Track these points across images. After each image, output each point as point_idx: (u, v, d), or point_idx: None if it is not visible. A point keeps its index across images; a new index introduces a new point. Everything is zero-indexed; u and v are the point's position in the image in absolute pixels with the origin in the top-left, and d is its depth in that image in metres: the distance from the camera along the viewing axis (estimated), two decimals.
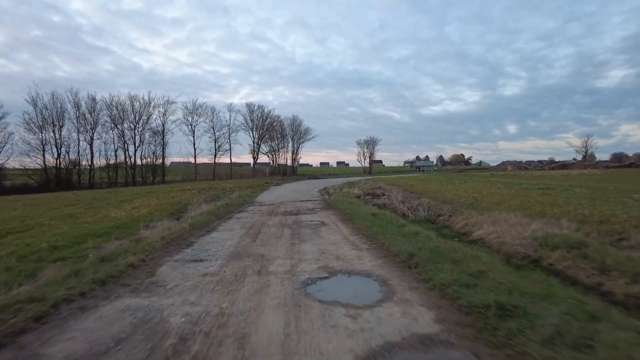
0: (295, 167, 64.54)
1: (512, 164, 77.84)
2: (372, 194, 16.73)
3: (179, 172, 45.92)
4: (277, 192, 21.12)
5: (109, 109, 37.63)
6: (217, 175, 46.44)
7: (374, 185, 20.21)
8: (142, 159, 39.75)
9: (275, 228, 8.43)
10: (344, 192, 18.41)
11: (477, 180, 26.86)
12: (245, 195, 17.68)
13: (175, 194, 19.57)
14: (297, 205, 13.98)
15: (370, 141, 76.08)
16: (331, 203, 13.98)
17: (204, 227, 8.63)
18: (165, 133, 42.52)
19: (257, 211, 12.04)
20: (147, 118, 40.66)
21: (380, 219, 8.66)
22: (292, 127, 62.70)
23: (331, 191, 19.89)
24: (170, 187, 24.93)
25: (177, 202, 14.77)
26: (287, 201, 15.63)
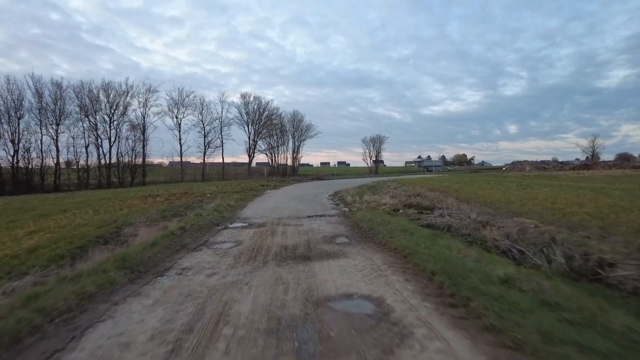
0: (296, 167, 58.98)
1: (530, 164, 72.31)
2: (416, 205, 11.22)
3: (163, 172, 40.47)
4: (274, 200, 15.60)
5: (79, 98, 32.29)
6: (208, 176, 40.98)
7: (409, 190, 14.67)
8: (119, 157, 34.39)
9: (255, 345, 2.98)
10: (369, 201, 12.91)
11: (517, 183, 21.40)
12: (227, 207, 12.17)
13: (131, 202, 14.08)
14: (303, 227, 8.52)
15: (377, 139, 70.65)
16: (360, 224, 8.49)
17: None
18: (146, 127, 37.54)
19: (225, 251, 6.47)
20: (124, 109, 35.41)
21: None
22: (293, 123, 57.22)
23: (348, 199, 14.39)
24: (137, 191, 19.41)
25: (107, 222, 9.29)
26: (287, 217, 10.16)
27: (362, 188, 19.20)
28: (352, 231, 7.89)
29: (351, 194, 16.68)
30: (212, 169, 45.67)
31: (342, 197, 16.35)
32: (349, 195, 15.69)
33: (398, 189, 15.81)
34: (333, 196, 17.45)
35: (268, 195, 18.03)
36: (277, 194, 18.66)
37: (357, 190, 18.03)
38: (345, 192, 17.67)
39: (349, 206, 12.78)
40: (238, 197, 15.96)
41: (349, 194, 16.42)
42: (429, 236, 6.54)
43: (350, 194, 16.44)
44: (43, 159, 30.25)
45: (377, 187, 18.56)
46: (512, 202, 11.60)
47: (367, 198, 13.94)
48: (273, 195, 18.16)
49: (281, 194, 18.63)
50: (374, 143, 70.34)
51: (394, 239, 6.22)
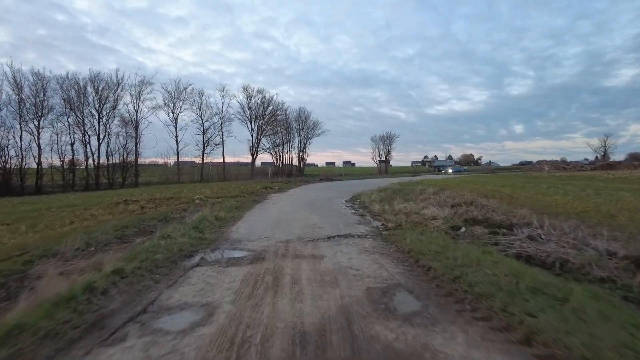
0: (302, 167, 55.61)
1: (549, 164, 68.23)
2: (482, 221, 7.80)
3: (158, 172, 37.28)
4: (278, 208, 12.31)
5: (63, 90, 29.03)
6: (207, 177, 37.77)
7: (455, 197, 11.20)
8: (109, 156, 31.25)
9: None
10: (407, 212, 9.60)
11: (571, 185, 17.91)
12: (214, 220, 8.90)
13: (95, 211, 10.88)
14: (326, 262, 5.30)
15: (386, 138, 66.93)
16: (421, 259, 5.13)
17: None
18: (139, 122, 33.85)
19: (171, 349, 3.22)
20: (114, 103, 31.99)
21: None
22: (299, 121, 53.82)
23: (375, 207, 11.06)
24: (115, 195, 16.17)
25: (23, 250, 6.04)
26: (298, 239, 6.90)
27: (386, 192, 15.83)
28: (413, 275, 4.56)
29: (374, 199, 13.36)
30: (213, 169, 42.50)
31: (363, 203, 13.03)
32: (374, 202, 12.36)
33: (439, 194, 12.40)
34: (351, 202, 14.13)
35: (271, 201, 14.72)
36: (283, 199, 15.36)
37: (381, 195, 14.68)
38: (366, 197, 14.34)
39: (379, 218, 9.46)
40: (234, 203, 12.69)
41: (372, 200, 13.09)
42: (587, 296, 3.19)
43: (373, 200, 13.11)
44: (23, 158, 27.21)
45: (405, 190, 15.16)
46: (613, 216, 8.18)
47: (400, 206, 10.59)
48: (277, 200, 14.86)
49: (287, 199, 15.32)
50: (384, 142, 66.74)
51: (539, 320, 2.87)
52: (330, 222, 8.93)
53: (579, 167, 65.39)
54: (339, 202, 14.35)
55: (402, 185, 18.52)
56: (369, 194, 16.12)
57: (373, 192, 16.84)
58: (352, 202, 14.00)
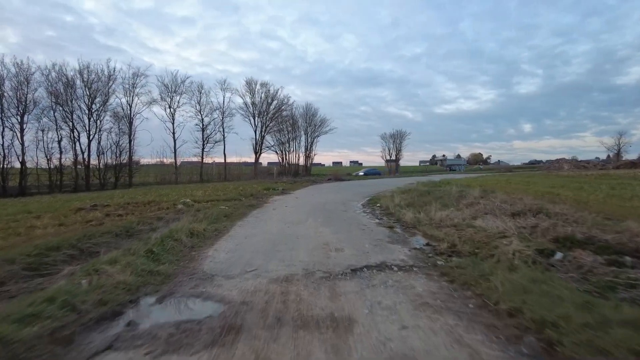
0: (308, 166, 52.98)
1: (568, 162, 64.65)
2: (583, 241, 5.12)
3: (154, 172, 34.84)
4: (278, 217, 9.75)
5: (49, 83, 26.28)
6: (207, 176, 35.33)
7: (516, 202, 8.43)
8: (100, 154, 28.92)
9: None
10: (457, 225, 7.00)
11: (621, 185, 15.08)
12: (187, 238, 6.35)
13: (37, 221, 8.42)
14: (359, 346, 2.63)
15: (397, 135, 63.96)
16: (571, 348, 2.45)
17: None
18: (134, 118, 31.13)
19: None
20: (106, 97, 29.41)
21: None
22: (306, 118, 51.21)
23: (406, 216, 8.41)
24: (82, 200, 13.65)
25: None
26: (304, 275, 4.39)
27: (410, 194, 13.15)
28: None
29: (399, 203, 10.74)
30: (215, 168, 40.12)
31: (386, 208, 10.43)
32: (400, 208, 9.74)
33: (488, 197, 9.67)
34: (370, 206, 11.53)
35: (272, 206, 12.14)
36: (286, 203, 12.76)
37: (405, 198, 12.02)
38: (388, 200, 11.71)
39: (415, 231, 6.87)
40: (225, 209, 10.16)
41: (397, 204, 10.47)
42: None
43: (398, 204, 10.49)
44: (5, 157, 24.93)
45: (435, 192, 12.41)
46: None
47: (440, 214, 7.95)
48: (280, 205, 12.26)
49: (292, 203, 12.72)
50: (394, 140, 63.81)
51: None
52: (350, 238, 6.35)
53: (600, 166, 61.73)
54: (354, 206, 11.75)
55: (427, 186, 15.83)
56: (389, 197, 13.48)
57: (394, 194, 14.19)
58: (371, 207, 11.39)
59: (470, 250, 5.26)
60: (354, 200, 13.74)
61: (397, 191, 15.21)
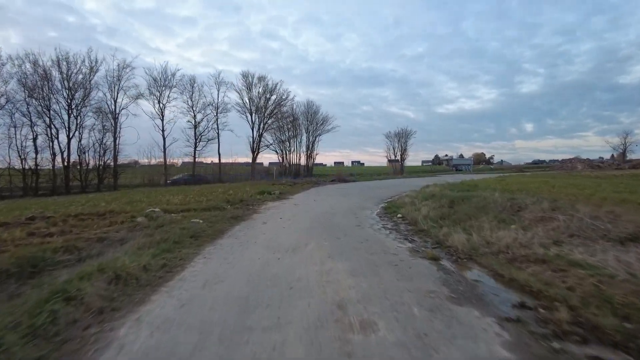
0: (310, 166, 50.29)
1: (582, 162, 61.82)
2: None
3: (141, 173, 32.13)
4: (267, 238, 7.16)
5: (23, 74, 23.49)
6: (200, 178, 32.70)
7: (605, 216, 5.85)
8: (81, 154, 26.28)
9: None
10: (526, 249, 4.32)
11: None
12: (99, 293, 3.62)
13: None
14: None
15: (402, 134, 61.02)
16: None
17: None
18: (119, 114, 28.13)
19: None
20: (87, 90, 26.33)
21: None
22: (307, 116, 48.53)
23: (453, 238, 5.79)
24: (30, 205, 11.06)
25: None
26: None
27: (435, 200, 10.45)
28: None
29: (426, 214, 8.14)
30: (208, 168, 37.50)
31: (414, 223, 7.84)
32: (433, 222, 7.12)
33: (562, 210, 6.95)
34: (390, 218, 8.94)
35: (263, 217, 9.50)
36: (282, 214, 10.10)
37: (433, 207, 9.35)
38: (411, 209, 9.12)
39: (476, 267, 4.30)
40: (197, 225, 7.58)
41: (426, 215, 7.88)
42: None
43: (426, 215, 7.89)
44: None
45: (473, 200, 9.65)
46: None
47: (503, 236, 5.32)
48: (273, 217, 9.61)
49: (289, 214, 10.05)
50: (399, 138, 60.93)
51: None
52: (380, 288, 3.74)
53: (615, 166, 58.98)
54: (369, 217, 9.15)
55: (452, 189, 13.12)
56: (409, 203, 10.88)
57: (414, 199, 11.59)
58: (391, 219, 8.80)
59: (619, 329, 2.67)
60: (366, 208, 11.14)
61: (416, 196, 12.59)
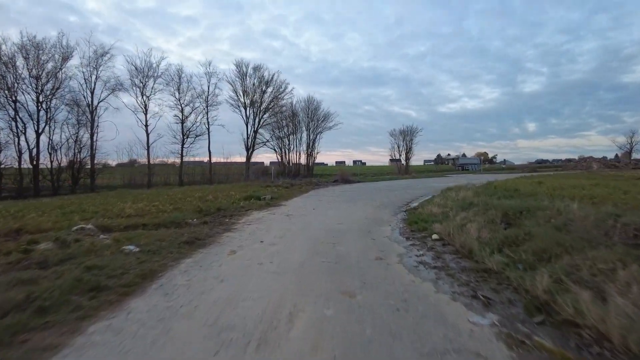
0: (310, 165, 47.26)
1: (597, 161, 58.74)
2: None
3: (120, 174, 29.02)
4: (221, 296, 4.11)
5: None
6: (189, 177, 29.70)
7: None
8: (52, 151, 23.41)
9: None
10: None
11: None
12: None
13: None
14: None
15: (407, 132, 57.86)
16: None
17: None
18: (97, 108, 25.07)
19: None
20: (57, 80, 23.07)
21: None
22: (307, 112, 45.49)
23: (586, 308, 2.81)
24: None
25: None
26: None
27: (483, 213, 7.45)
28: None
29: (487, 240, 5.18)
30: (197, 168, 34.54)
31: (469, 255, 4.88)
32: (513, 261, 4.18)
33: None
34: (424, 244, 5.98)
35: (233, 242, 6.44)
36: (264, 235, 7.01)
37: (483, 222, 6.38)
38: (452, 227, 6.15)
39: None
40: (117, 263, 4.60)
41: (488, 244, 4.92)
42: None
43: (490, 244, 4.94)
44: None
45: (538, 214, 6.63)
46: None
47: None
48: (249, 240, 6.55)
49: (274, 234, 6.97)
50: (404, 136, 57.76)
51: None
52: None
53: (632, 165, 55.97)
54: (391, 238, 6.23)
55: (490, 196, 10.10)
56: (440, 214, 7.97)
57: (444, 208, 8.63)
58: (424, 242, 5.86)
59: None
60: (382, 222, 8.18)
61: (444, 203, 9.64)
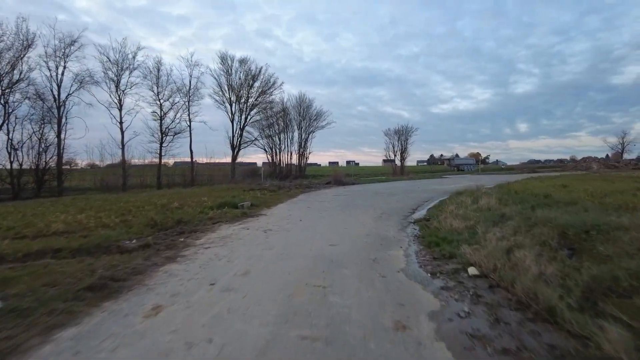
0: (303, 166, 45.05)
1: (597, 162, 57.46)
2: None
3: (91, 176, 26.38)
4: None
5: None
6: (169, 179, 27.26)
7: None
8: (12, 150, 20.77)
9: None
10: None
11: None
12: None
13: None
14: None
15: (402, 131, 55.67)
16: None
17: None
18: (65, 102, 22.37)
19: None
20: (20, 71, 20.21)
21: None
22: (299, 110, 43.32)
23: None
24: None
25: None
26: None
27: (534, 233, 5.43)
28: None
29: (565, 281, 3.11)
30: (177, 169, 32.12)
31: (554, 314, 2.77)
32: None
33: None
34: (455, 276, 3.87)
35: (167, 286, 4.36)
36: (221, 270, 4.74)
37: (531, 244, 4.40)
38: (501, 262, 4.10)
39: None
40: None
41: (584, 306, 2.84)
42: None
43: (584, 305, 2.87)
44: None
45: (623, 235, 4.70)
46: None
47: None
48: (195, 280, 4.44)
49: (238, 270, 4.71)
50: (399, 136, 55.58)
51: None
52: None
53: (632, 165, 54.85)
54: (407, 272, 4.18)
55: (519, 202, 8.06)
56: (465, 230, 5.94)
57: (466, 220, 6.58)
58: (458, 281, 3.80)
59: None
60: (390, 243, 6.11)
61: (465, 214, 7.61)
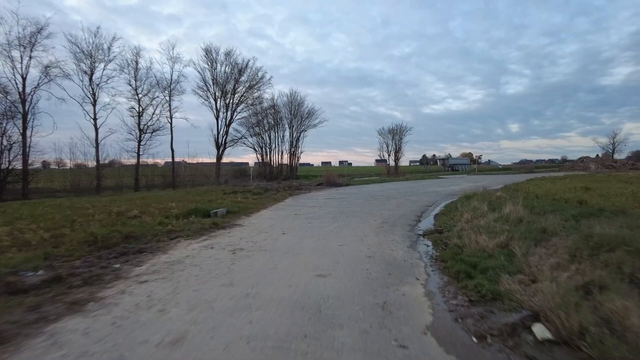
0: (294, 166, 43.25)
1: (595, 162, 56.55)
2: None
3: (59, 175, 24.24)
4: None
5: None
6: (148, 180, 25.23)
7: None
8: None
9: None
10: None
11: None
12: None
13: None
14: None
15: (397, 130, 54.05)
16: None
17: None
18: (30, 96, 20.07)
19: None
20: None
21: None
22: (290, 108, 41.56)
23: None
24: None
25: None
26: None
27: (606, 262, 3.82)
28: None
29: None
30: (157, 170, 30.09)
31: None
32: None
33: None
34: None
35: None
36: (125, 342, 3.02)
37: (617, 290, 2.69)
38: (584, 313, 2.41)
39: None
40: None
41: None
42: None
43: None
44: None
45: None
46: None
47: None
48: None
49: (165, 330, 3.09)
50: (393, 135, 53.96)
51: None
52: None
53: (629, 165, 54.13)
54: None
55: (555, 211, 6.40)
56: (506, 258, 4.42)
57: (505, 241, 4.91)
58: None
59: None
60: (402, 272, 4.45)
61: (492, 226, 5.94)
